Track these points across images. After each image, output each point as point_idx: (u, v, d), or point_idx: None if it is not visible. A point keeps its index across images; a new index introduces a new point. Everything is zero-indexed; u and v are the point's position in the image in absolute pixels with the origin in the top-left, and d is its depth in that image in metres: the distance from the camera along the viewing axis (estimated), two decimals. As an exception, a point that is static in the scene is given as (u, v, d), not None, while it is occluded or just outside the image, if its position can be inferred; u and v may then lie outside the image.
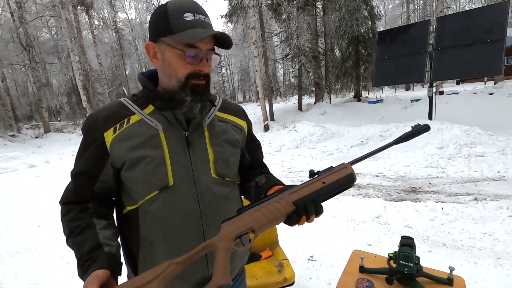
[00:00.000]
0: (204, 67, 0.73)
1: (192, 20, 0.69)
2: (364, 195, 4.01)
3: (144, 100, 0.77)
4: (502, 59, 6.36)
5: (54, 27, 20.09)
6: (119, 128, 0.73)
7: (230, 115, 0.88)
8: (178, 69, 0.72)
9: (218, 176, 0.79)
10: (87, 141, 0.75)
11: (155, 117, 0.75)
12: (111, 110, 0.76)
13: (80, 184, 0.76)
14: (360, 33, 13.40)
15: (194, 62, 0.71)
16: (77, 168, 0.76)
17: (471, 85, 13.01)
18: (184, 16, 0.68)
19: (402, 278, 1.22)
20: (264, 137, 10.13)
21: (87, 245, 0.69)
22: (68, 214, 0.75)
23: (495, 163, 4.57)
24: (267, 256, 1.97)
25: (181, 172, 0.74)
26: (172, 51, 0.70)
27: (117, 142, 0.72)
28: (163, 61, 0.73)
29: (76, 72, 14.12)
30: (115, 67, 26.82)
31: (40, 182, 6.55)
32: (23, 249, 3.26)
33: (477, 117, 7.88)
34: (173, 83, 0.74)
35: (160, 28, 0.71)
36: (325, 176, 0.66)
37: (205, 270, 0.77)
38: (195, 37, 0.67)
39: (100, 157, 0.73)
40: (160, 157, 0.72)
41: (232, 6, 14.52)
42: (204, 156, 0.78)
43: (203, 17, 0.71)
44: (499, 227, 2.74)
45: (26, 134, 15.19)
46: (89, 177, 0.75)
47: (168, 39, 0.70)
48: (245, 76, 33.64)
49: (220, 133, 0.82)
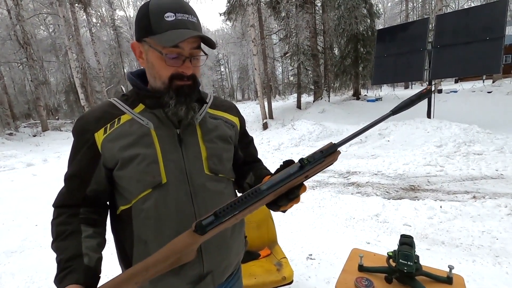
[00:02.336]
0: (187, 69, 0.71)
1: (173, 20, 0.67)
2: (363, 193, 4.01)
3: (134, 99, 0.77)
4: (501, 57, 6.35)
5: (51, 24, 19.94)
6: (109, 128, 0.72)
7: (222, 112, 0.88)
8: (160, 70, 0.71)
9: (211, 173, 0.78)
10: (78, 143, 0.75)
11: (145, 115, 0.75)
12: (101, 110, 0.75)
13: (73, 187, 0.75)
14: (359, 31, 13.37)
15: (175, 64, 0.69)
16: (70, 171, 0.75)
17: (470, 84, 13.03)
18: (165, 16, 0.66)
19: (402, 277, 1.22)
20: (263, 135, 10.12)
21: (67, 252, 0.69)
22: (58, 218, 0.74)
23: (494, 161, 4.58)
24: (265, 254, 1.97)
25: (174, 169, 0.73)
26: (154, 53, 0.69)
27: (108, 142, 0.72)
28: (147, 61, 0.73)
29: (74, 70, 14.02)
30: (113, 65, 26.70)
31: (37, 180, 6.52)
32: (20, 248, 3.25)
33: (475, 115, 7.89)
34: (158, 84, 0.73)
35: (142, 28, 0.70)
36: (312, 168, 0.60)
37: (200, 267, 0.77)
38: (173, 40, 0.65)
39: (92, 158, 0.73)
40: (152, 155, 0.72)
41: (231, 3, 14.46)
42: (197, 153, 0.77)
43: (186, 16, 0.68)
44: (498, 225, 2.74)
45: (23, 133, 15.11)
46: (82, 179, 0.74)
47: (149, 40, 0.69)
48: (244, 74, 33.60)
49: (212, 129, 0.81)
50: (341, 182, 4.65)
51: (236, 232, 0.86)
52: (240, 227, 0.88)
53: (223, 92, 41.54)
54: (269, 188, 0.58)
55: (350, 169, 5.26)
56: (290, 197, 0.60)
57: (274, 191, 0.59)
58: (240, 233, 0.89)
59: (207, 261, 0.77)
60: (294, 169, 0.59)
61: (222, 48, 39.99)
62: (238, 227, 0.87)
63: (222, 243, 0.80)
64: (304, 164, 0.59)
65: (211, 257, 0.78)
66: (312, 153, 0.60)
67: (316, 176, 5.10)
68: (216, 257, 0.79)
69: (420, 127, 6.65)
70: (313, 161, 0.59)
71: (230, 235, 0.83)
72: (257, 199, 0.58)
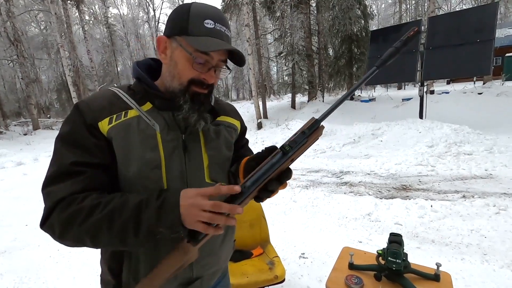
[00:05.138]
0: (210, 77, 0.70)
1: (212, 28, 0.67)
2: (356, 192, 4.05)
3: (142, 96, 0.73)
4: (491, 59, 6.47)
5: (43, 21, 19.66)
6: (115, 120, 0.67)
7: (224, 116, 0.86)
8: (183, 71, 0.69)
9: (212, 181, 0.77)
10: (78, 128, 0.65)
11: (153, 116, 0.71)
12: (105, 99, 0.70)
13: (85, 176, 0.64)
14: (353, 32, 13.46)
15: (201, 69, 0.68)
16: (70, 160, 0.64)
17: (461, 85, 13.21)
18: (205, 22, 0.66)
19: (390, 274, 1.24)
20: (258, 135, 10.13)
21: (133, 199, 0.60)
22: (73, 203, 0.60)
23: (483, 161, 4.67)
24: (258, 253, 1.98)
25: (175, 176, 0.71)
26: (182, 52, 0.68)
27: (113, 134, 0.67)
28: (170, 59, 0.71)
29: (66, 68, 13.82)
30: (107, 64, 26.42)
31: (28, 180, 6.42)
32: (9, 248, 3.19)
33: (466, 116, 8.02)
34: (175, 84, 0.70)
35: (177, 26, 0.68)
36: (296, 152, 0.58)
37: (190, 273, 0.77)
38: (208, 47, 0.65)
39: (99, 143, 0.66)
40: (156, 159, 0.69)
41: (226, 3, 14.46)
42: (198, 160, 0.75)
43: (223, 28, 0.69)
44: (486, 224, 2.80)
45: (14, 131, 14.84)
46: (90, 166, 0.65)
47: (181, 39, 0.67)
48: (238, 74, 33.53)
49: (214, 137, 0.80)
50: (334, 181, 4.69)
51: (226, 240, 0.86)
52: (231, 234, 0.89)
53: (217, 91, 41.44)
54: (254, 184, 0.58)
55: (343, 169, 5.31)
56: (282, 181, 0.61)
57: (258, 185, 0.58)
58: (230, 240, 0.89)
59: (197, 269, 0.78)
60: (276, 158, 0.58)
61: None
62: (229, 235, 0.87)
63: (212, 252, 0.80)
64: (286, 151, 0.57)
65: (201, 265, 0.78)
66: (294, 135, 0.58)
67: (310, 176, 5.13)
68: (205, 265, 0.80)
69: (412, 127, 6.74)
70: (295, 146, 0.58)
71: (220, 244, 0.83)
72: (244, 197, 0.58)
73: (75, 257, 2.86)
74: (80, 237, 0.60)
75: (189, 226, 0.57)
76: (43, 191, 0.64)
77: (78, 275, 2.56)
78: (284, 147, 0.58)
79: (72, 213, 0.59)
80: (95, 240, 0.60)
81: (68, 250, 2.96)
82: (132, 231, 0.58)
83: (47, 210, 0.61)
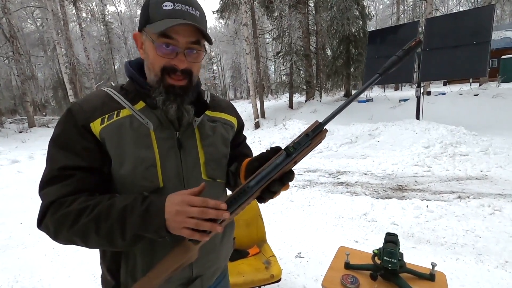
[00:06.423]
0: (179, 62, 0.66)
1: (170, 9, 0.64)
2: (352, 192, 4.06)
3: (134, 95, 0.72)
4: (487, 61, 6.53)
5: (39, 18, 19.42)
6: (107, 120, 0.67)
7: (220, 113, 0.85)
8: (153, 61, 0.67)
9: (209, 178, 0.77)
10: (68, 130, 0.66)
11: (146, 114, 0.70)
12: (98, 100, 0.70)
13: (73, 180, 0.65)
14: (351, 33, 13.50)
15: (168, 56, 0.65)
16: (63, 163, 0.65)
17: (458, 86, 13.30)
18: (163, 5, 0.64)
19: (386, 274, 1.24)
20: (255, 135, 10.12)
21: (119, 203, 0.60)
22: (62, 206, 0.61)
23: (478, 162, 4.70)
24: (254, 253, 1.98)
25: (171, 174, 0.71)
26: (149, 42, 0.66)
27: (105, 134, 0.66)
28: (145, 53, 0.70)
29: (62, 66, 13.70)
30: (104, 61, 26.27)
31: (23, 177, 6.36)
32: (4, 246, 3.16)
33: (462, 117, 8.08)
34: (152, 76, 0.69)
35: (142, 18, 0.68)
36: (299, 153, 0.59)
37: (190, 272, 0.76)
38: (160, 26, 0.62)
39: (88, 146, 0.66)
40: (151, 158, 0.68)
41: (224, 2, 14.42)
42: (195, 157, 0.75)
43: (185, 7, 0.65)
44: (481, 224, 2.82)
45: (9, 129, 14.67)
46: (82, 169, 0.65)
47: (147, 29, 0.67)
48: (236, 73, 33.52)
49: (210, 133, 0.78)
50: (331, 181, 4.70)
51: (226, 238, 0.85)
52: (229, 233, 0.88)
53: (215, 90, 41.35)
54: (258, 183, 0.58)
55: (340, 169, 5.32)
56: (285, 182, 0.61)
57: (262, 185, 0.58)
58: (229, 239, 0.88)
59: (196, 267, 0.77)
60: (280, 159, 0.59)
61: (215, 47, 39.81)
62: (228, 233, 0.86)
63: (212, 250, 0.80)
64: (290, 152, 0.58)
65: (201, 263, 0.77)
66: (298, 137, 0.59)
67: (307, 176, 5.14)
68: (205, 263, 0.79)
69: (409, 128, 6.78)
70: (299, 147, 0.58)
71: (219, 242, 0.83)
72: (247, 197, 0.58)
73: (70, 256, 2.84)
74: (71, 239, 0.62)
75: (175, 232, 0.57)
76: (39, 193, 0.66)
77: (74, 274, 2.54)
78: (288, 148, 0.58)
79: (60, 216, 0.61)
80: (85, 241, 0.62)
81: (63, 249, 2.94)
82: (119, 235, 0.59)
83: (41, 212, 0.64)
